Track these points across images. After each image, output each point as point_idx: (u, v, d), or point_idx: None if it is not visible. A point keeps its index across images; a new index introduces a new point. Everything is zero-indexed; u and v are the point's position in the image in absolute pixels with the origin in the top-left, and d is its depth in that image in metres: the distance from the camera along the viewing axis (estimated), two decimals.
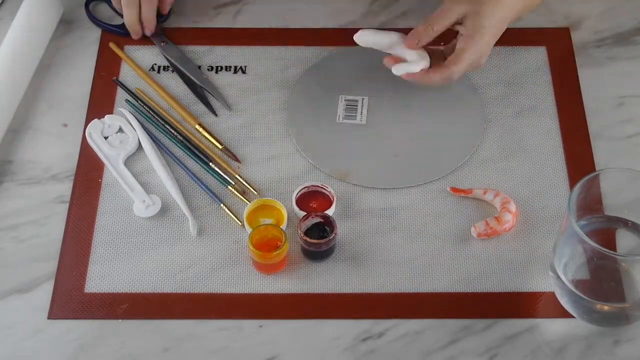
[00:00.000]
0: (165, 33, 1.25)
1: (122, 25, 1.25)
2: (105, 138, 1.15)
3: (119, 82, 1.20)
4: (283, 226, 1.06)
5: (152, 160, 1.13)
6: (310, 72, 1.21)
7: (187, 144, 1.15)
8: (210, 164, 1.13)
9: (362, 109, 1.17)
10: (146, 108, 1.18)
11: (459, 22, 1.10)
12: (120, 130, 1.16)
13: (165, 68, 1.22)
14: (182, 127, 1.16)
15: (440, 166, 1.13)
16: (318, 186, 1.09)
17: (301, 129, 1.16)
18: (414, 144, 1.15)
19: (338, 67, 1.22)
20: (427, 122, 1.16)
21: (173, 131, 1.16)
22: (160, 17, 1.26)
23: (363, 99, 1.18)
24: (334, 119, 1.17)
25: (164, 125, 1.16)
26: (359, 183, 1.12)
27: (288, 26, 1.26)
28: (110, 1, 1.27)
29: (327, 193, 1.09)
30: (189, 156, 1.14)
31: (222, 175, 1.12)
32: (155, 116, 1.17)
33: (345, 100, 1.18)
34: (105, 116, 1.17)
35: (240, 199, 1.10)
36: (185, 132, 1.16)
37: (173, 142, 1.15)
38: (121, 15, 1.25)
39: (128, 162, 1.14)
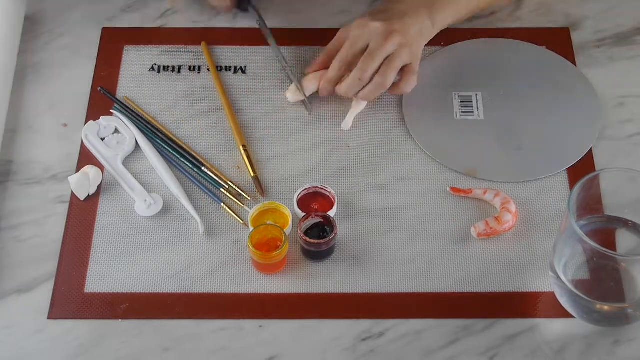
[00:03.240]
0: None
1: None
2: (102, 139, 1.15)
3: (105, 91, 1.20)
4: (287, 229, 1.06)
5: (152, 159, 1.13)
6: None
7: (179, 149, 1.15)
8: (203, 168, 1.13)
9: (477, 104, 1.17)
10: (135, 115, 1.17)
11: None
12: (117, 131, 1.16)
13: (165, 68, 1.22)
14: (171, 134, 1.16)
15: (564, 157, 1.13)
16: (318, 187, 1.09)
17: (421, 129, 1.16)
18: (535, 136, 1.15)
19: (444, 64, 1.22)
20: (543, 113, 1.16)
21: (163, 137, 1.16)
22: None
23: (477, 94, 1.18)
24: (451, 116, 1.17)
25: (153, 132, 1.16)
26: (488, 178, 1.12)
27: (288, 26, 1.26)
28: None
29: (328, 194, 1.09)
30: (182, 161, 1.14)
31: (215, 180, 1.12)
32: (145, 123, 1.17)
33: (459, 97, 1.18)
34: (101, 117, 1.17)
35: (230, 204, 1.10)
36: (175, 139, 1.16)
37: (164, 147, 1.15)
38: None
39: (127, 162, 1.14)
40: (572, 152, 1.14)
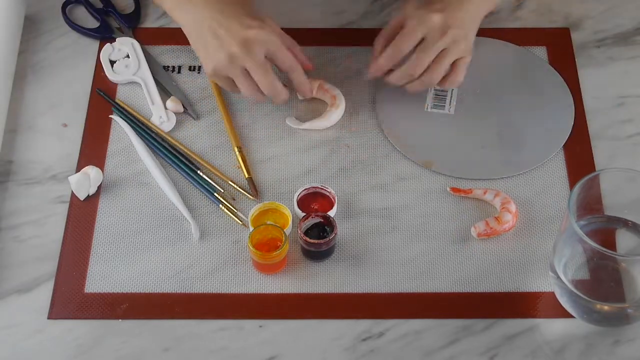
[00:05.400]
0: (138, 36, 1.25)
1: (98, 29, 1.25)
2: (113, 63, 1.21)
3: (104, 93, 1.19)
4: (287, 229, 1.06)
5: (147, 163, 1.13)
6: None
7: (175, 152, 1.14)
8: (198, 171, 1.13)
9: (451, 99, 1.17)
10: (131, 117, 1.17)
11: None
12: (128, 56, 1.21)
13: (165, 68, 1.22)
14: (169, 136, 1.16)
15: (527, 160, 1.13)
16: (318, 187, 1.09)
17: (389, 116, 1.16)
18: (502, 136, 1.15)
19: None
20: (515, 116, 1.17)
21: (160, 139, 1.16)
22: (130, 20, 1.26)
23: (453, 90, 1.18)
24: (422, 107, 1.17)
25: (149, 134, 1.16)
26: (443, 172, 1.12)
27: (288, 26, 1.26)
28: (87, 4, 1.27)
29: (328, 194, 1.09)
30: (178, 165, 1.13)
31: (210, 183, 1.11)
32: (141, 125, 1.17)
33: (434, 89, 1.18)
34: (117, 39, 1.22)
35: (228, 206, 1.09)
36: (173, 141, 1.16)
37: (161, 149, 1.15)
38: (97, 19, 1.26)
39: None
40: (536, 154, 1.13)
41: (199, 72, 1.22)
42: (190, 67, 1.22)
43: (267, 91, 1.09)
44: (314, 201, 1.09)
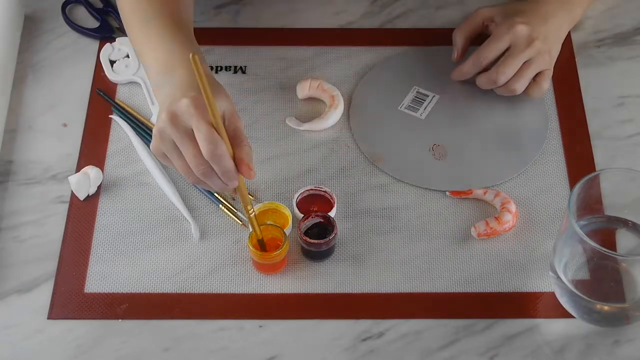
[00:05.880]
0: None
1: (98, 29, 1.25)
2: (113, 63, 1.22)
3: (103, 93, 1.19)
4: (287, 229, 1.06)
5: (147, 163, 1.13)
6: (388, 62, 1.22)
7: None
8: None
9: (428, 105, 1.17)
10: (130, 117, 1.17)
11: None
12: (128, 56, 1.21)
13: None
14: None
15: (472, 182, 1.11)
16: (318, 189, 1.09)
17: (359, 107, 1.17)
18: (461, 153, 1.14)
19: (429, 60, 1.21)
20: (485, 136, 1.15)
21: None
22: None
23: (435, 96, 1.18)
24: (396, 105, 1.17)
25: (149, 134, 1.16)
26: (388, 172, 1.12)
27: (288, 26, 1.26)
28: (87, 3, 1.27)
29: (328, 196, 1.09)
30: None
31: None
32: (141, 125, 1.17)
33: (417, 91, 1.18)
34: (117, 39, 1.22)
35: (228, 206, 1.09)
36: None
37: None
38: (97, 19, 1.26)
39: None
40: (484, 177, 1.12)
41: None
42: None
43: (194, 164, 0.95)
44: (313, 203, 1.09)
